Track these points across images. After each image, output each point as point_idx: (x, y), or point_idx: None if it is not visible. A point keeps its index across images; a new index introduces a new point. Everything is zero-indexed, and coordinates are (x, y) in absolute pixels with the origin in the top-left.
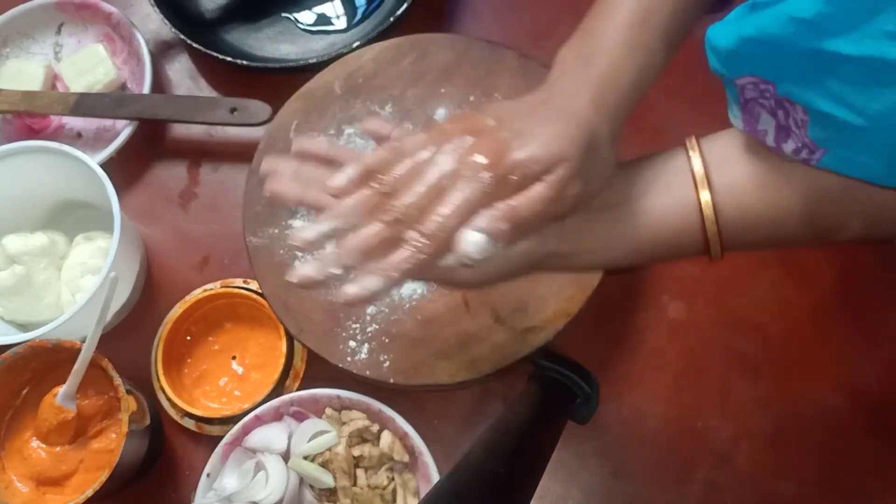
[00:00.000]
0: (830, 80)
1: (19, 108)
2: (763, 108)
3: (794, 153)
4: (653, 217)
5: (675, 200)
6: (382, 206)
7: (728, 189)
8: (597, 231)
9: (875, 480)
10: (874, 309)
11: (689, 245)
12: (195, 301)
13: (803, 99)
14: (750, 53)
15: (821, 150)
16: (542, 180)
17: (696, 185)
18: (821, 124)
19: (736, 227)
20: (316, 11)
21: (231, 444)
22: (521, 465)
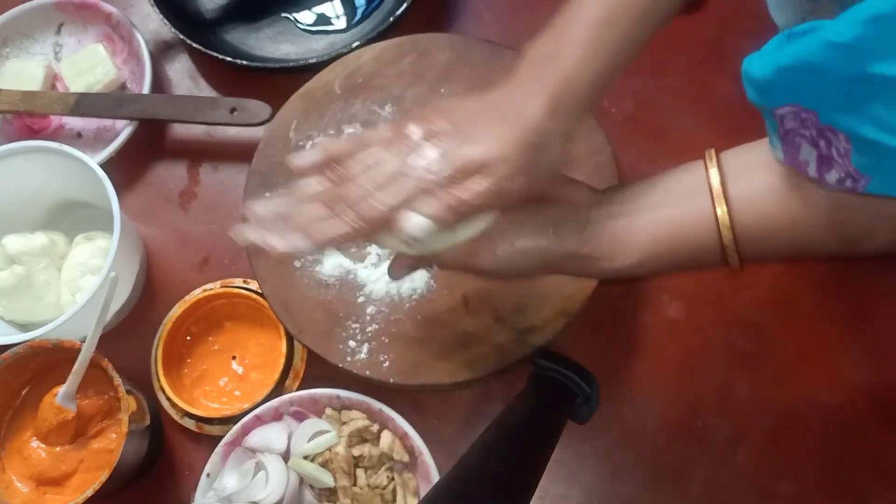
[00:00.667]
0: (874, 105)
1: (19, 108)
2: (804, 138)
3: (837, 183)
4: (672, 225)
5: (694, 211)
6: (332, 192)
7: (746, 202)
8: (616, 236)
9: (875, 479)
10: (874, 308)
11: (709, 256)
12: (195, 301)
13: (846, 126)
14: (788, 83)
15: (865, 178)
16: (483, 175)
17: (714, 200)
18: (865, 151)
19: (754, 239)
20: (316, 11)
21: (231, 444)
22: (520, 465)
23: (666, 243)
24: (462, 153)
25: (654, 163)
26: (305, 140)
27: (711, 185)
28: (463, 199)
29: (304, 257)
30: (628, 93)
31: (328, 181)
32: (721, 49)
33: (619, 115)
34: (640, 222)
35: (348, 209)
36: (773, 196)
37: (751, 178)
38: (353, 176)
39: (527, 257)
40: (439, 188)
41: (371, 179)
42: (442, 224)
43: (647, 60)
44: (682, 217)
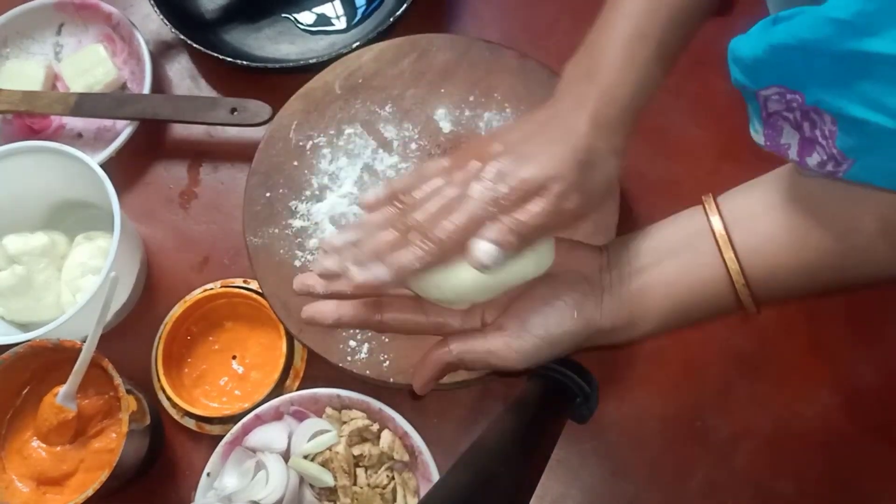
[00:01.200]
0: (864, 83)
1: (20, 108)
2: (787, 121)
3: (818, 166)
4: (683, 283)
5: (702, 265)
6: (401, 219)
7: (753, 247)
8: (633, 304)
9: (873, 480)
10: (873, 309)
11: (724, 305)
12: (195, 301)
13: (834, 105)
14: (778, 61)
15: (848, 161)
16: (541, 195)
17: (720, 247)
18: (851, 132)
19: (766, 281)
20: (316, 12)
21: (231, 444)
22: (520, 465)
23: (681, 303)
24: (518, 174)
25: (652, 162)
26: (305, 140)
27: (716, 233)
28: (523, 222)
29: (305, 255)
30: None
31: (396, 211)
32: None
33: None
34: (651, 284)
35: (418, 234)
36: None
37: (755, 223)
38: (419, 203)
39: (560, 346)
40: (501, 213)
41: (436, 204)
42: (507, 248)
43: None
44: (692, 271)
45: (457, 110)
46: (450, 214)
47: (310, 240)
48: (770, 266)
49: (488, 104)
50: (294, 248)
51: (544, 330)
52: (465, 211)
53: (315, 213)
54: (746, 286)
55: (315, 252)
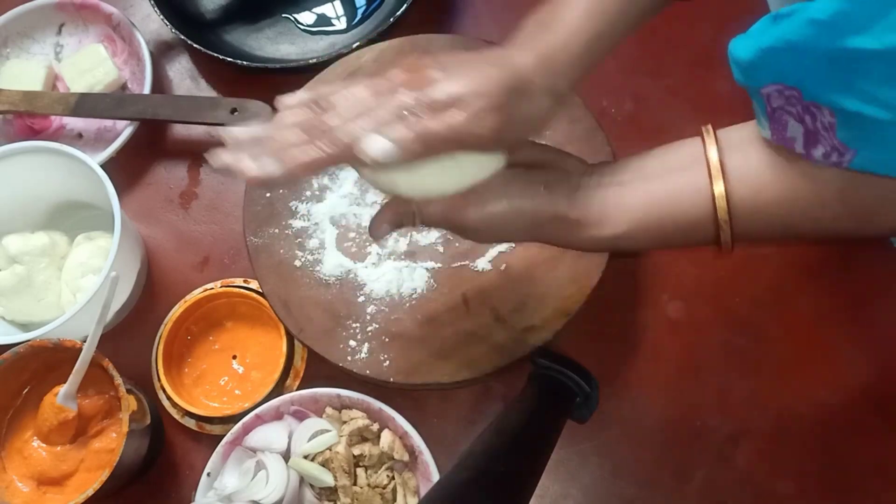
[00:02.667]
0: (854, 78)
1: (20, 108)
2: (790, 115)
3: (823, 158)
4: (664, 196)
5: (688, 185)
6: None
7: (742, 177)
8: (607, 202)
9: (874, 479)
10: (872, 308)
11: (699, 231)
12: (195, 300)
13: (829, 100)
14: (772, 62)
15: (850, 151)
16: (459, 108)
17: (711, 175)
18: (849, 125)
19: (749, 214)
20: (316, 12)
21: (231, 444)
22: (520, 464)
23: (656, 215)
24: (441, 87)
25: None
26: None
27: (709, 160)
28: (431, 129)
29: (306, 255)
30: (628, 93)
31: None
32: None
33: (618, 115)
34: (632, 191)
35: (322, 135)
36: (773, 171)
37: (748, 153)
38: (332, 108)
39: (516, 216)
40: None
41: (349, 110)
42: (407, 153)
43: (647, 60)
44: (676, 189)
45: None
46: (359, 119)
47: (310, 240)
48: (755, 192)
49: None
50: (294, 248)
51: (506, 194)
52: (376, 116)
53: (315, 214)
54: (728, 215)
55: (315, 252)
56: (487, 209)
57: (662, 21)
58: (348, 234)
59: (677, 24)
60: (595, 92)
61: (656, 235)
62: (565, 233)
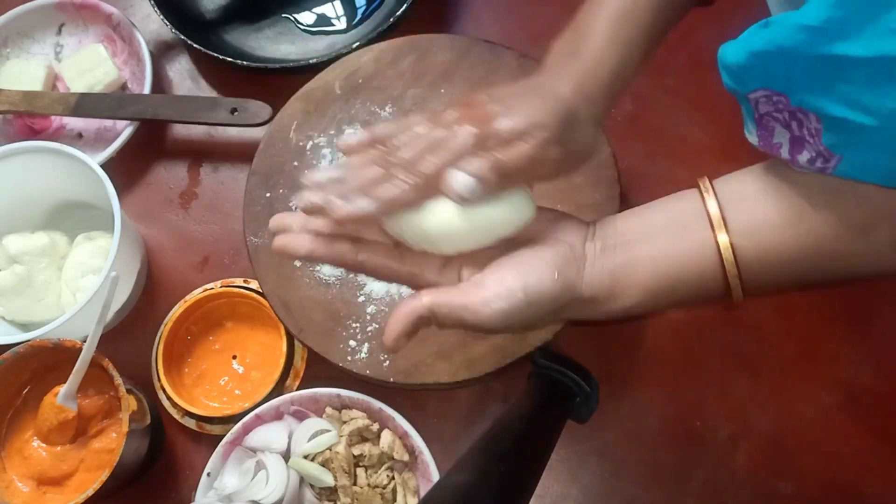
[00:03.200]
0: (841, 85)
1: (20, 108)
2: (777, 121)
3: (808, 163)
4: (672, 262)
5: (693, 244)
6: (384, 158)
7: (746, 229)
8: (616, 275)
9: (874, 480)
10: (873, 308)
11: (710, 287)
12: (195, 300)
13: (816, 106)
14: (760, 67)
15: (835, 157)
16: (524, 140)
17: (713, 227)
18: (834, 130)
19: (757, 267)
20: (316, 12)
21: (231, 444)
22: (520, 464)
23: (666, 282)
24: (504, 121)
25: (652, 162)
26: (306, 140)
27: (710, 213)
28: (503, 160)
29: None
30: (628, 93)
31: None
32: None
33: (618, 116)
34: (637, 259)
35: (402, 169)
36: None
37: (749, 208)
38: (403, 146)
39: (536, 308)
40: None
41: (421, 143)
42: (485, 183)
43: None
44: (681, 249)
45: None
46: (435, 152)
47: None
48: (762, 249)
49: None
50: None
51: (523, 287)
52: (450, 149)
53: None
54: (736, 268)
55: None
56: (503, 306)
57: None
58: None
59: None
60: None
61: (669, 299)
62: (582, 310)
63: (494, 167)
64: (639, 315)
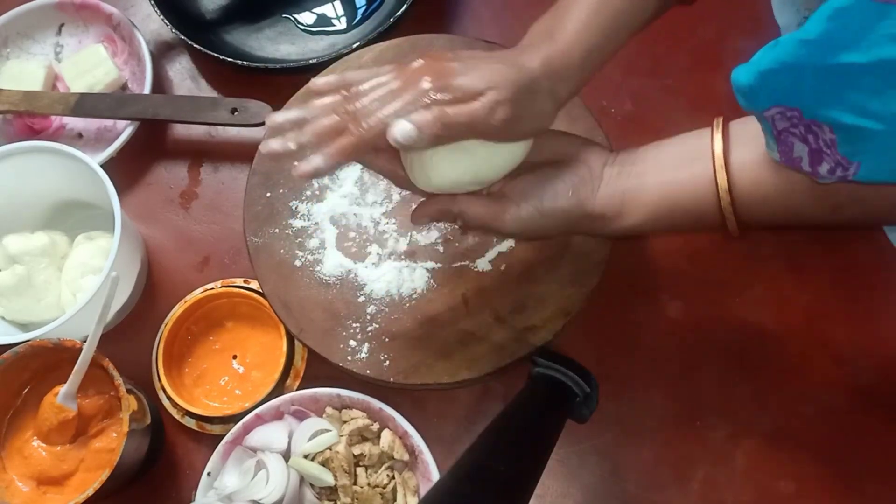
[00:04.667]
0: (848, 93)
1: (20, 108)
2: (795, 136)
3: (829, 174)
4: (675, 187)
5: (695, 176)
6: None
7: (745, 168)
8: (626, 197)
9: (874, 479)
10: (872, 308)
11: (707, 219)
12: (196, 300)
13: (828, 117)
14: (770, 85)
15: (854, 164)
16: (475, 99)
17: (715, 166)
18: (848, 139)
19: (751, 204)
20: (316, 12)
21: (232, 443)
22: (520, 464)
23: (668, 205)
24: (460, 79)
25: None
26: None
27: (714, 152)
28: (451, 115)
29: (306, 256)
30: (628, 93)
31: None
32: (720, 49)
33: (618, 115)
34: (646, 184)
35: (353, 120)
36: (771, 164)
37: (753, 147)
38: (362, 93)
39: (550, 219)
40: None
41: (377, 94)
42: (428, 136)
43: (647, 60)
44: (684, 181)
45: None
46: (388, 102)
47: (310, 240)
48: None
49: None
50: (294, 247)
51: (539, 199)
52: (400, 101)
53: (315, 213)
54: (731, 204)
55: (316, 252)
56: (522, 214)
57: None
58: (348, 234)
59: (677, 24)
60: (595, 92)
61: (668, 223)
62: (591, 225)
63: (438, 119)
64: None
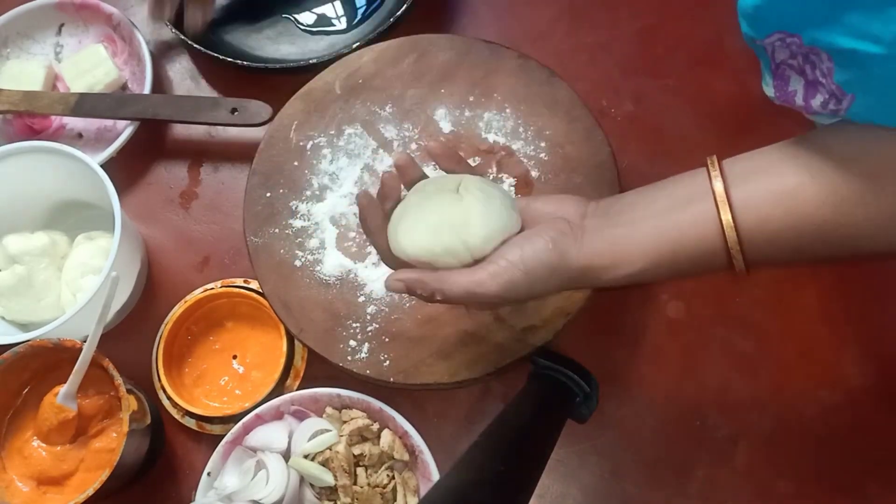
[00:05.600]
0: (849, 14)
1: (20, 108)
2: (792, 68)
3: (821, 107)
4: (675, 231)
5: (696, 217)
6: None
7: (749, 206)
8: (618, 244)
9: (874, 479)
10: (872, 307)
11: (713, 260)
12: (196, 300)
13: (826, 41)
14: (774, 7)
15: (847, 96)
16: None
17: (718, 205)
18: (845, 65)
19: (758, 242)
20: (316, 12)
21: (232, 443)
22: (520, 464)
23: (669, 249)
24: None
25: (652, 162)
26: (306, 140)
27: (715, 191)
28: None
29: (304, 254)
30: (628, 93)
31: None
32: (720, 49)
33: (618, 115)
34: (641, 230)
35: None
36: (775, 198)
37: (752, 184)
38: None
39: (537, 278)
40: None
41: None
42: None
43: (647, 60)
44: (686, 223)
45: (457, 110)
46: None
47: (310, 240)
48: (762, 221)
49: (488, 104)
50: (294, 247)
51: (520, 257)
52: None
53: (315, 213)
54: (738, 242)
55: (316, 252)
56: (505, 279)
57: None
58: (348, 234)
59: (678, 24)
60: (595, 92)
61: (670, 268)
62: (584, 278)
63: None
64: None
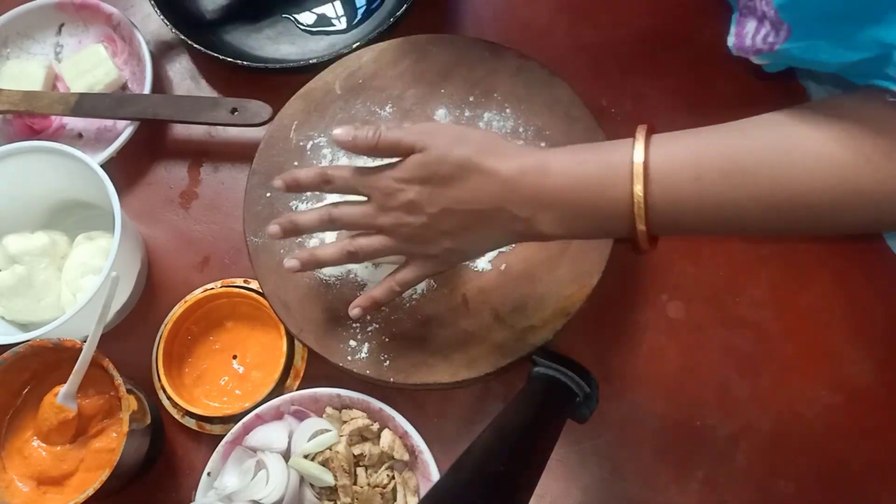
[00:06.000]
0: None
1: (20, 108)
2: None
3: (762, 42)
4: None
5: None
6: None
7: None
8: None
9: (874, 479)
10: (872, 308)
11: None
12: (196, 300)
13: None
14: None
15: (784, 26)
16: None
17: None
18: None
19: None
20: (316, 12)
21: (232, 443)
22: (520, 464)
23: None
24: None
25: None
26: (306, 140)
27: (634, 160)
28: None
29: None
30: (628, 93)
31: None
32: (720, 49)
33: (618, 115)
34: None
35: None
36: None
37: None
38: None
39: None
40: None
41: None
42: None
43: (647, 60)
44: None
45: (457, 110)
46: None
47: (310, 240)
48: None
49: (488, 104)
50: (294, 248)
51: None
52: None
53: None
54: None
55: None
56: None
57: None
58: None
59: (677, 24)
60: (595, 91)
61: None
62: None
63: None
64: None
